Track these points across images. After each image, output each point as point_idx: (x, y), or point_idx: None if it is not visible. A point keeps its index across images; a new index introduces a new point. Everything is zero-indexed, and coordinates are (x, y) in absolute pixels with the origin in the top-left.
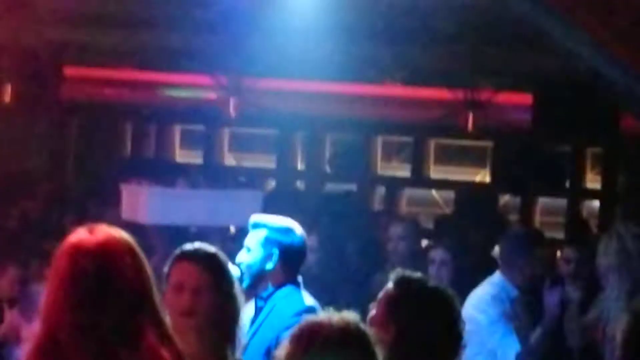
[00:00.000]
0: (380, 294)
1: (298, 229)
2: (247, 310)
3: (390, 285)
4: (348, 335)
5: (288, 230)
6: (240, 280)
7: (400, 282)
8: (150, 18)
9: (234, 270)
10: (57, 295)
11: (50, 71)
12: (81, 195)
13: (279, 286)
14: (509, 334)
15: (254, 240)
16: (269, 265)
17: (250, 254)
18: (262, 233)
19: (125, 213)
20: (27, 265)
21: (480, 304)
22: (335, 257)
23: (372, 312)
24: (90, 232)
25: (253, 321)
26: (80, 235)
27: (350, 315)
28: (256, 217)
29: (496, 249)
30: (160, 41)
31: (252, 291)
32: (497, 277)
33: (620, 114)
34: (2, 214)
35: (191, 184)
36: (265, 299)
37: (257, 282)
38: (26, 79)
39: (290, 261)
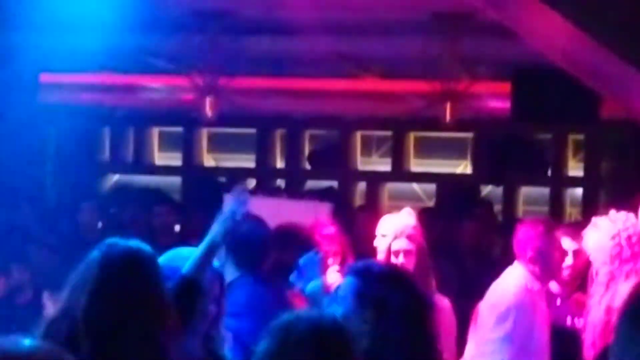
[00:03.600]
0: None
1: (251, 223)
2: None
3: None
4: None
5: (239, 222)
6: None
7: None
8: (123, 20)
9: None
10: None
11: (27, 77)
12: (61, 199)
13: (235, 278)
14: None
15: None
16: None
17: None
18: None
19: None
20: (9, 272)
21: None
22: None
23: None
24: None
25: None
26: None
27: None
28: None
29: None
30: (134, 43)
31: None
32: (517, 267)
33: (600, 98)
34: None
35: (269, 193)
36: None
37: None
38: (3, 85)
39: (240, 255)
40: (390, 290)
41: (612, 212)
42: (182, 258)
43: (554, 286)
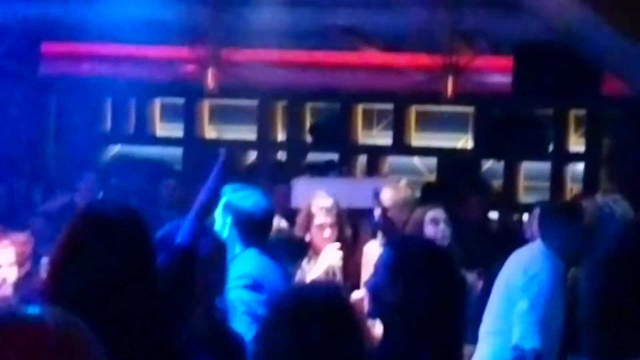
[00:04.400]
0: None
1: (256, 196)
2: None
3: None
4: (332, 306)
5: (243, 197)
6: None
7: (399, 245)
8: None
9: None
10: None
11: (29, 47)
12: (62, 170)
13: (239, 252)
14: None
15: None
16: (225, 233)
17: (216, 224)
18: (222, 201)
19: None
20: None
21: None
22: None
23: (370, 278)
24: None
25: None
26: None
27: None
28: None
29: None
30: (137, 14)
31: None
32: (542, 248)
33: (602, 74)
34: None
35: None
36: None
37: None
38: (4, 57)
39: (245, 228)
40: (423, 266)
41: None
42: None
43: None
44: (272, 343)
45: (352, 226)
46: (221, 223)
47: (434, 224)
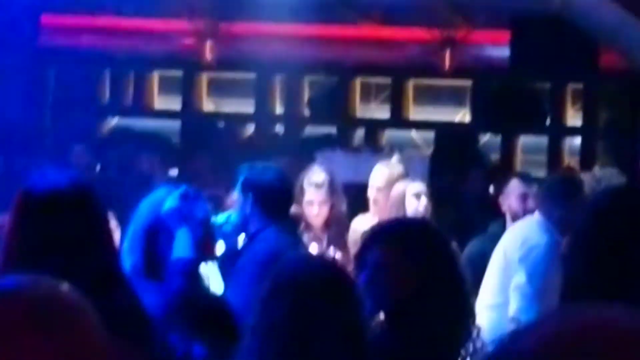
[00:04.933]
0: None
1: (274, 170)
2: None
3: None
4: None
5: (262, 172)
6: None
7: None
8: None
9: None
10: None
11: (27, 19)
12: (59, 142)
13: (261, 228)
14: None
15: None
16: (247, 209)
17: (236, 201)
18: (240, 180)
19: None
20: None
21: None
22: None
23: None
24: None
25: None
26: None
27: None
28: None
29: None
30: None
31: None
32: (541, 220)
33: (599, 48)
34: None
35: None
36: (249, 241)
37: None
38: (2, 28)
39: (266, 202)
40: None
41: None
42: (159, 200)
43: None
44: (271, 315)
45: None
46: (241, 202)
47: (416, 198)
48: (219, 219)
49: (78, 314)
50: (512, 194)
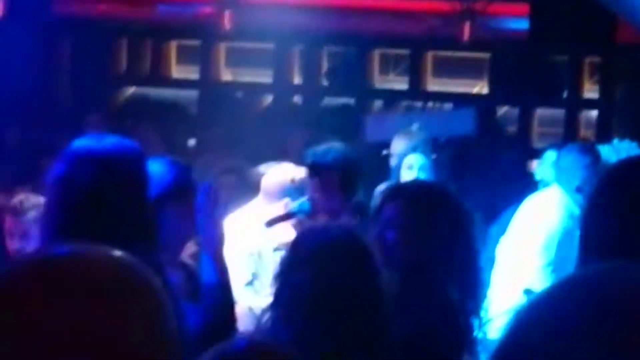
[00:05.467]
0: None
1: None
2: None
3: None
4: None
5: (324, 154)
6: None
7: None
8: None
9: None
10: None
11: None
12: (76, 112)
13: None
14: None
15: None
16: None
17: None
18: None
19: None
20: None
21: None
22: None
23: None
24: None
25: None
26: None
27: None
28: None
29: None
30: None
31: None
32: (557, 193)
33: (617, 22)
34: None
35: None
36: None
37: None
38: None
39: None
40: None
41: None
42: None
43: None
44: (294, 284)
45: None
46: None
47: (409, 169)
48: (292, 206)
49: (139, 279)
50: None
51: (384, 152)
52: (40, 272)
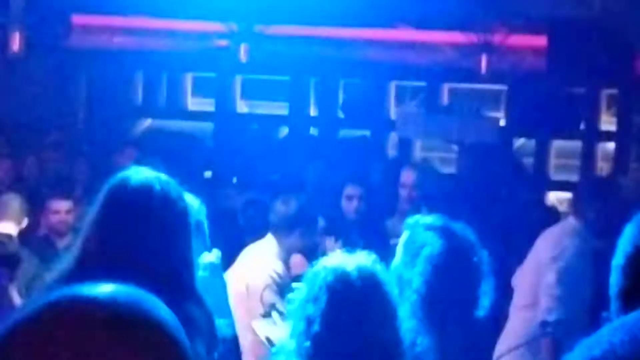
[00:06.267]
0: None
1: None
2: None
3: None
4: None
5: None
6: None
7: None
8: None
9: None
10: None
11: (59, 20)
12: (93, 144)
13: None
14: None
15: None
16: None
17: None
18: None
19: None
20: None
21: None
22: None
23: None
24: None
25: None
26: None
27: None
28: None
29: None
30: None
31: None
32: (573, 223)
33: (635, 54)
34: (17, 165)
35: None
36: None
37: None
38: (34, 28)
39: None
40: (434, 239)
41: None
42: None
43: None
44: (307, 315)
45: None
46: None
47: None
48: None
49: (162, 329)
50: None
51: None
52: (71, 312)
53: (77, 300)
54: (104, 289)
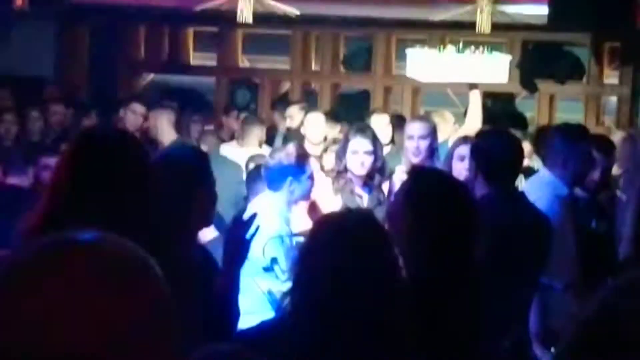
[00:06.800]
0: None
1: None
2: None
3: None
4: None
5: (490, 139)
6: None
7: (418, 175)
8: None
9: None
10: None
11: None
12: (94, 98)
13: (485, 194)
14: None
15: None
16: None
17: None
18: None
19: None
20: None
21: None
22: None
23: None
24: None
25: None
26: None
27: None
28: None
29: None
30: None
31: None
32: (545, 174)
33: (637, 7)
34: (20, 119)
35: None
36: None
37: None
38: None
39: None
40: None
41: None
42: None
43: (578, 190)
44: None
45: None
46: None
47: (460, 160)
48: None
49: (147, 272)
50: None
51: None
52: (62, 254)
53: (65, 242)
54: (91, 233)
